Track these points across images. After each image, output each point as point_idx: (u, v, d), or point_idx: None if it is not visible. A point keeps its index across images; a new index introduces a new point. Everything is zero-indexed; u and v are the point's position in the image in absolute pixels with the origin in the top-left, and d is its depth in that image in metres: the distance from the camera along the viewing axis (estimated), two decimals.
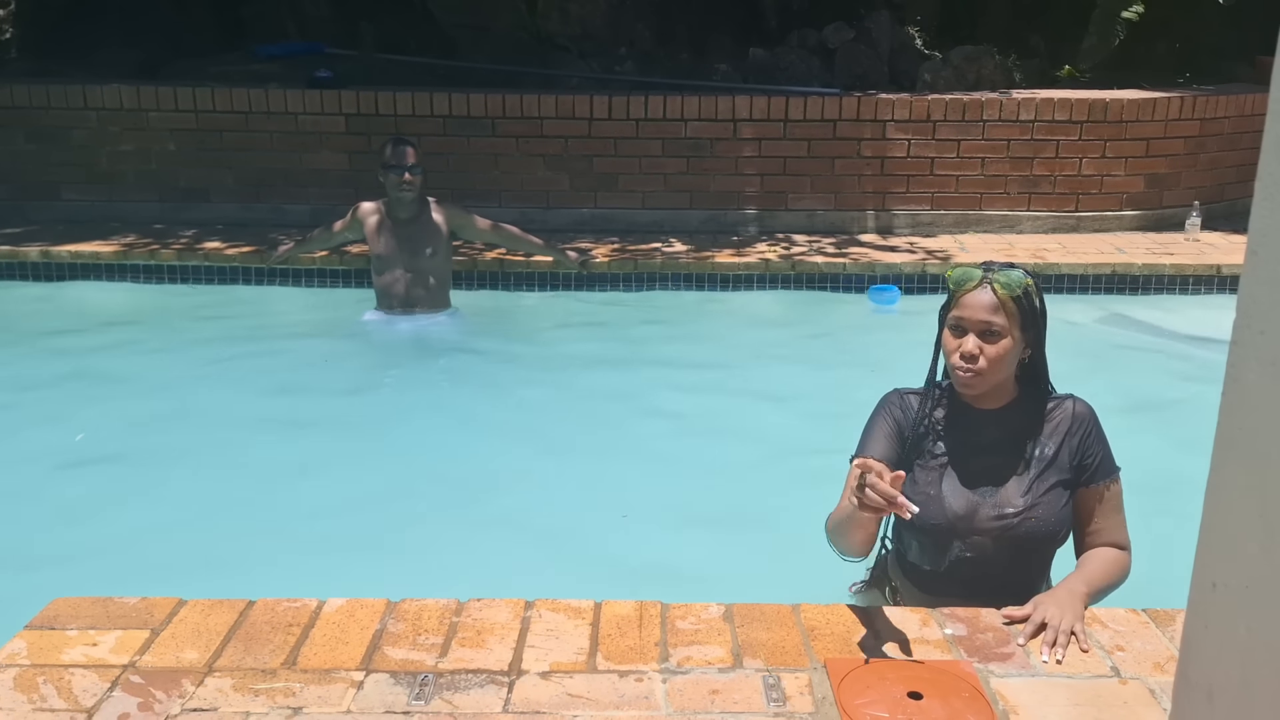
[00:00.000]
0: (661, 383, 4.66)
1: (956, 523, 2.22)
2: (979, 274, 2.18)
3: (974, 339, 2.16)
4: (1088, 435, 2.24)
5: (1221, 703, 1.07)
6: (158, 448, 3.92)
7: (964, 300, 2.18)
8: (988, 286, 2.16)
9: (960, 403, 2.27)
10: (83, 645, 1.96)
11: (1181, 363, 4.94)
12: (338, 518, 3.38)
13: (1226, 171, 7.04)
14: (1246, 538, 1.02)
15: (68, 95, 6.55)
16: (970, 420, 2.26)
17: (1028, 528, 2.20)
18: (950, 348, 2.20)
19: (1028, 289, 2.18)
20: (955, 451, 2.26)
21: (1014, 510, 2.20)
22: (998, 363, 2.16)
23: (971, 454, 2.25)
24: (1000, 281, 2.16)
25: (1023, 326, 2.17)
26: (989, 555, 2.22)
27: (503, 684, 1.86)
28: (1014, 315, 2.16)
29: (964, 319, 2.17)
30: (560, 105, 6.51)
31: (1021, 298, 2.16)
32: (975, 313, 2.16)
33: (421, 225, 5.12)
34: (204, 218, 6.59)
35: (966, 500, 2.22)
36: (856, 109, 6.53)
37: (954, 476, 2.24)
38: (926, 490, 2.24)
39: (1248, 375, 1.01)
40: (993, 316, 2.15)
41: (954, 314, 2.19)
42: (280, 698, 1.82)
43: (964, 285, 2.19)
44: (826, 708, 1.80)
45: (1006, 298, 2.15)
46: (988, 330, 2.15)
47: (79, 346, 5.01)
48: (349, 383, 4.67)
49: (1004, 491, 2.22)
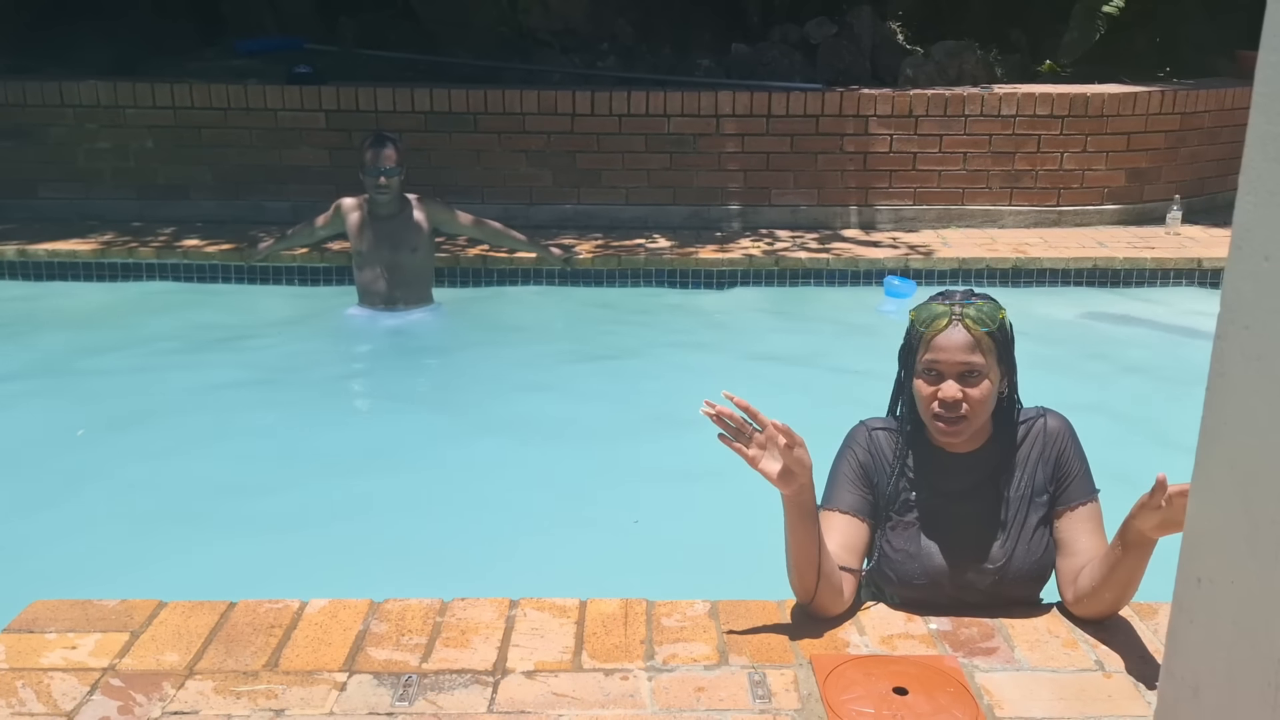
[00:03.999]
0: (644, 379, 4.65)
1: (942, 581, 2.06)
2: (946, 310, 1.97)
3: (953, 384, 1.95)
4: (1063, 451, 2.07)
5: (1208, 698, 1.07)
6: (136, 447, 3.88)
7: (935, 343, 1.96)
8: (958, 324, 1.95)
9: (932, 447, 2.07)
10: (62, 648, 1.94)
11: (1163, 356, 4.96)
12: (319, 517, 3.36)
13: (1207, 166, 7.08)
14: (1232, 533, 1.02)
15: (44, 92, 6.48)
16: (945, 467, 2.07)
17: (1012, 575, 2.06)
18: (925, 395, 1.99)
19: (1002, 321, 1.99)
20: (931, 502, 2.07)
21: (995, 566, 2.05)
22: (981, 405, 1.98)
23: (948, 503, 2.07)
24: (971, 317, 1.95)
25: (1000, 359, 1.99)
26: (973, 605, 2.09)
27: (487, 684, 1.85)
28: (991, 351, 1.96)
29: (939, 363, 1.96)
30: (542, 101, 6.49)
31: (996, 332, 1.97)
32: (951, 355, 1.95)
33: (403, 222, 5.10)
34: (183, 215, 6.53)
35: (949, 557, 2.06)
36: (839, 104, 6.53)
37: (933, 531, 2.07)
38: (906, 549, 2.07)
39: (1232, 370, 1.01)
40: (970, 357, 1.95)
41: (926, 358, 1.98)
42: (262, 700, 1.80)
43: (932, 325, 1.97)
44: (812, 704, 1.80)
45: (983, 335, 1.95)
46: (968, 373, 1.95)
47: (57, 346, 4.97)
48: (330, 380, 4.65)
49: (984, 544, 2.05)
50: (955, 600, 2.10)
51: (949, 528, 2.07)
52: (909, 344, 2.06)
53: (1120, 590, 1.96)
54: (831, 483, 2.14)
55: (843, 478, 2.12)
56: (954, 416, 1.98)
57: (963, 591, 2.09)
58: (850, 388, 4.17)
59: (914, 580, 2.08)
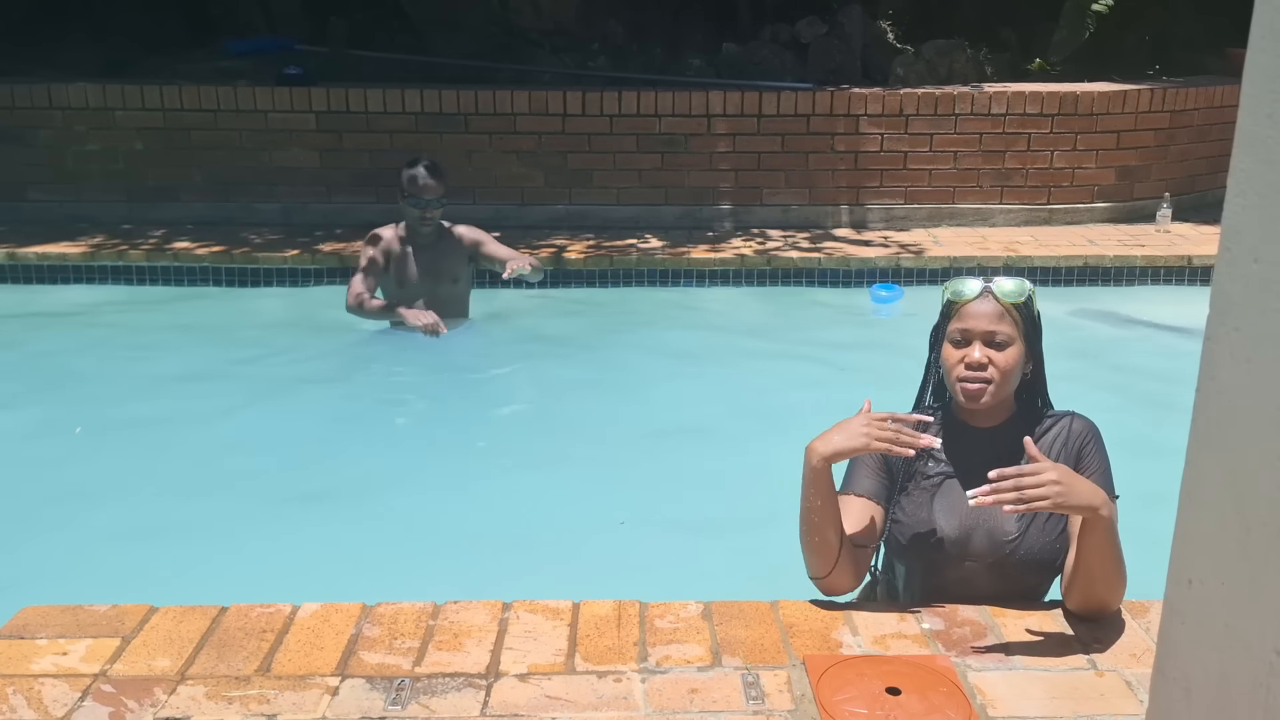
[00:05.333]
0: (636, 379, 4.65)
1: (950, 547, 2.11)
2: (979, 284, 2.10)
3: (980, 347, 2.07)
4: (1085, 448, 2.12)
5: (1200, 699, 1.07)
6: (127, 452, 3.86)
7: (965, 311, 2.09)
8: (989, 295, 2.08)
9: (955, 421, 2.17)
10: (53, 654, 1.93)
11: (1153, 354, 4.97)
12: (310, 522, 3.34)
13: (1196, 163, 7.10)
14: (1222, 534, 1.02)
15: (33, 94, 6.45)
16: (966, 439, 2.15)
17: (1021, 555, 2.09)
18: (953, 360, 2.09)
19: (1029, 297, 2.11)
20: (949, 472, 2.15)
21: (1008, 537, 2.09)
22: (1008, 373, 2.07)
23: (965, 475, 2.12)
24: (1003, 289, 2.09)
25: (1025, 336, 2.10)
26: (981, 585, 2.12)
27: (480, 687, 1.85)
28: (1018, 324, 2.08)
29: (968, 329, 2.08)
30: (533, 101, 6.48)
31: (1024, 306, 2.09)
32: (979, 322, 2.07)
33: (443, 251, 4.80)
34: (173, 217, 6.51)
35: (960, 524, 2.10)
36: (830, 104, 6.54)
37: (947, 498, 2.13)
38: (918, 513, 2.13)
39: (1222, 371, 1.02)
40: (998, 325, 2.06)
41: (955, 326, 2.10)
42: (254, 705, 1.79)
43: (964, 296, 2.10)
44: (805, 705, 1.80)
45: (1010, 305, 2.08)
46: (993, 339, 2.07)
47: (46, 350, 4.94)
48: (320, 383, 4.63)
49: (999, 516, 2.07)
50: (962, 581, 2.12)
51: (964, 498, 2.08)
52: (940, 320, 2.16)
53: (1088, 578, 1.97)
54: (851, 467, 2.19)
55: (862, 463, 2.18)
56: (979, 376, 2.07)
57: (972, 564, 2.11)
58: (842, 386, 4.18)
59: (923, 545, 2.12)
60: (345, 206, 6.57)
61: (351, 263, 5.83)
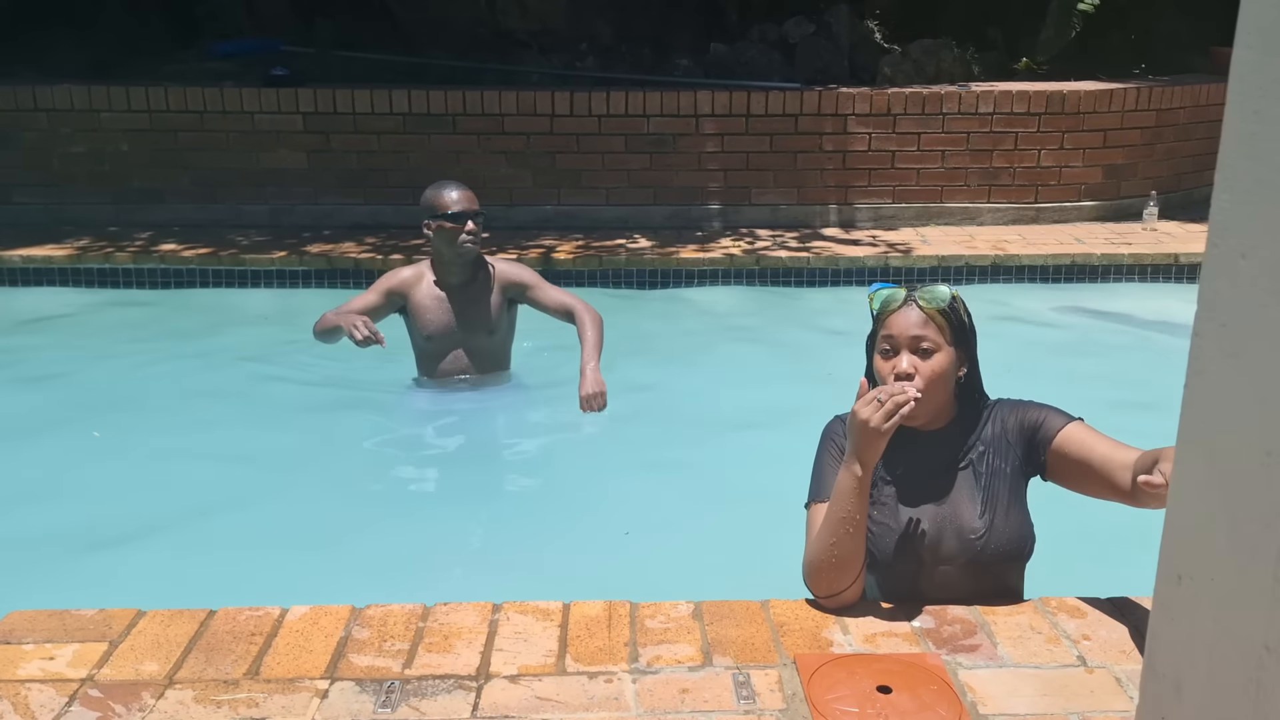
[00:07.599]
0: (625, 379, 4.63)
1: (923, 554, 2.12)
2: (902, 294, 2.13)
3: (907, 356, 2.09)
4: (1020, 414, 2.15)
5: (1190, 695, 1.07)
6: (113, 456, 3.84)
7: (890, 320, 2.11)
8: (913, 304, 2.10)
9: (901, 428, 2.09)
10: (39, 659, 1.92)
11: (1141, 351, 4.99)
12: (299, 524, 3.33)
13: (1183, 161, 7.14)
14: (1211, 530, 1.02)
15: (17, 96, 6.42)
16: (915, 445, 2.16)
17: (992, 549, 2.11)
18: (884, 371, 2.11)
19: (954, 302, 2.12)
20: (905, 480, 2.17)
21: (975, 534, 2.11)
22: (936, 380, 2.09)
23: (921, 480, 2.16)
24: (925, 298, 2.11)
25: (954, 341, 2.12)
26: (955, 585, 2.13)
27: (471, 689, 1.84)
28: (944, 329, 2.10)
29: (894, 337, 2.10)
30: (521, 102, 6.47)
31: (948, 311, 2.11)
32: (904, 330, 2.09)
33: (478, 291, 3.99)
34: (159, 219, 6.49)
35: (930, 527, 2.13)
36: (817, 103, 6.55)
37: (911, 504, 2.15)
38: (885, 522, 2.14)
39: (1209, 367, 1.02)
40: (923, 331, 2.09)
41: (882, 335, 2.12)
42: (243, 708, 1.78)
43: (889, 307, 2.13)
44: (797, 704, 1.80)
45: (934, 312, 2.09)
46: (919, 346, 2.09)
47: (32, 354, 4.91)
48: (308, 386, 4.61)
49: (962, 515, 2.12)
50: (938, 586, 2.13)
51: (926, 500, 2.15)
52: (873, 330, 2.18)
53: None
54: (817, 477, 2.20)
55: (827, 470, 2.18)
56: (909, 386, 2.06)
57: (945, 567, 2.12)
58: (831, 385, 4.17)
59: (896, 553, 2.13)
60: (333, 208, 6.56)
61: (339, 264, 5.83)
